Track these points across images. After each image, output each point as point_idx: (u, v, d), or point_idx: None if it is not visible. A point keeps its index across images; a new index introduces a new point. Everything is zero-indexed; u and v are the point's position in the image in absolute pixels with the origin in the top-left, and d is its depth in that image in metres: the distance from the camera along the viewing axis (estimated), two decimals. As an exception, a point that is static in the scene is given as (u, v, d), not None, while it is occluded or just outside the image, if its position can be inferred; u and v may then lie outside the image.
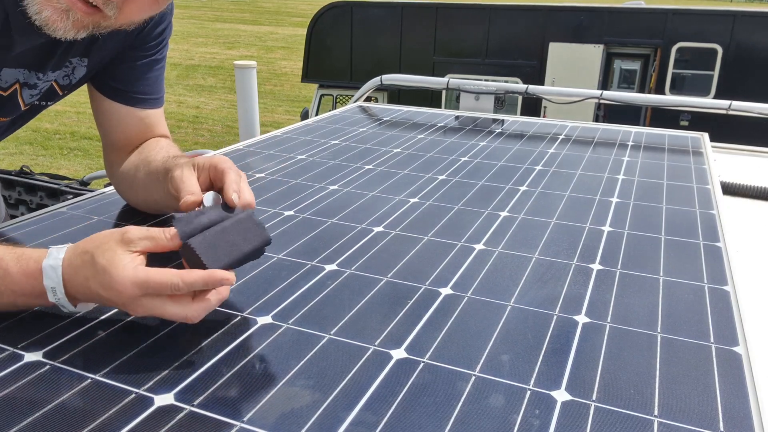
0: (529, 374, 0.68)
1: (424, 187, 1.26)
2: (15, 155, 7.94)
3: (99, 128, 1.08)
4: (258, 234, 0.76)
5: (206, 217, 0.75)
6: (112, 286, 0.67)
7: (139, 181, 1.00)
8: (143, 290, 0.67)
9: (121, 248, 0.69)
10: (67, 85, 0.98)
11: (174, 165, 0.87)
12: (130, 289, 0.66)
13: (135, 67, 1.02)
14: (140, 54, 1.02)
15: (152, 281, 0.66)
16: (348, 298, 0.82)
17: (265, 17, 26.51)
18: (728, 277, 0.91)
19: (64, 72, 0.96)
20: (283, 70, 15.21)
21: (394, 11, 6.34)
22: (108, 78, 1.03)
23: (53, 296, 0.70)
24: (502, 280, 0.89)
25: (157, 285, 0.67)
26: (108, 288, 0.67)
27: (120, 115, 1.05)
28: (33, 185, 2.39)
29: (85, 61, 0.98)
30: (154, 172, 0.95)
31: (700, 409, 0.63)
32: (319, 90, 6.64)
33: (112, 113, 1.05)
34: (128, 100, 1.04)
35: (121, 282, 0.66)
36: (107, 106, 1.04)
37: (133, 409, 0.60)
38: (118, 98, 1.04)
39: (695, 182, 1.34)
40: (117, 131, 1.06)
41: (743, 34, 5.44)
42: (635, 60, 6.03)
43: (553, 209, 1.16)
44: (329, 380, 0.66)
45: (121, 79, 1.03)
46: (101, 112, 1.06)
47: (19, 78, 0.90)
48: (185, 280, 0.67)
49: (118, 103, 1.04)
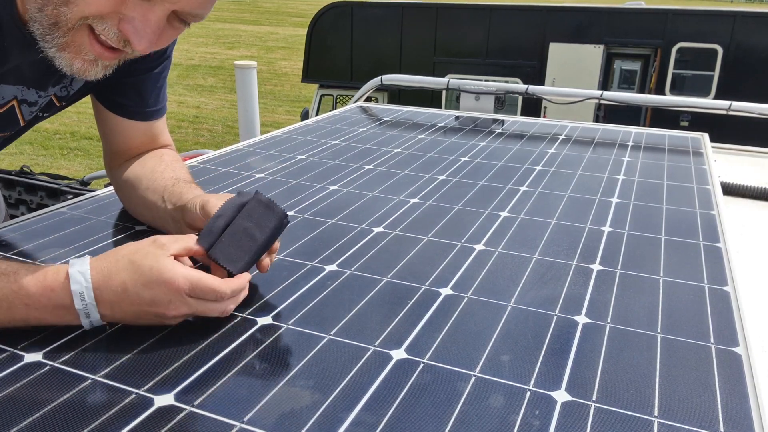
0: (529, 374, 0.68)
1: (425, 188, 1.26)
2: (15, 155, 7.95)
3: (101, 135, 1.07)
4: (270, 216, 0.79)
5: (222, 219, 0.78)
6: (163, 280, 0.69)
7: (140, 194, 1.00)
8: (192, 289, 0.70)
9: (160, 251, 0.71)
10: (64, 97, 0.98)
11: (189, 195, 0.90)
12: (182, 283, 0.69)
13: (139, 82, 1.02)
14: (144, 67, 1.01)
15: (204, 284, 0.71)
16: (348, 299, 0.82)
17: (265, 17, 26.51)
18: (728, 278, 0.91)
19: (62, 84, 0.95)
20: (283, 70, 15.21)
21: (394, 11, 6.33)
22: (112, 93, 1.02)
23: (80, 302, 0.69)
24: (502, 280, 0.89)
25: (207, 288, 0.71)
26: (157, 284, 0.69)
27: (123, 128, 1.04)
28: (33, 185, 2.39)
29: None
30: (159, 191, 0.96)
31: (700, 410, 0.63)
32: (320, 90, 6.64)
33: (116, 125, 1.04)
34: (130, 115, 1.04)
35: (174, 276, 0.69)
36: (111, 119, 1.04)
37: (133, 409, 0.60)
38: (122, 113, 1.03)
39: (695, 183, 1.34)
40: (120, 141, 1.06)
41: (743, 34, 5.44)
42: (635, 60, 6.02)
43: (554, 209, 1.16)
44: (329, 380, 0.66)
45: (125, 94, 1.02)
46: (104, 123, 1.05)
47: (17, 95, 0.90)
48: (232, 288, 0.73)
49: (122, 117, 1.04)
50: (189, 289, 0.70)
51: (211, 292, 0.71)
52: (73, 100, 1.02)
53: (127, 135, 1.05)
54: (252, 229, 0.77)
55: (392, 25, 6.35)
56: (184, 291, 0.70)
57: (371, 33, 6.47)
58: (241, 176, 1.29)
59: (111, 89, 1.02)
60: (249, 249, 0.77)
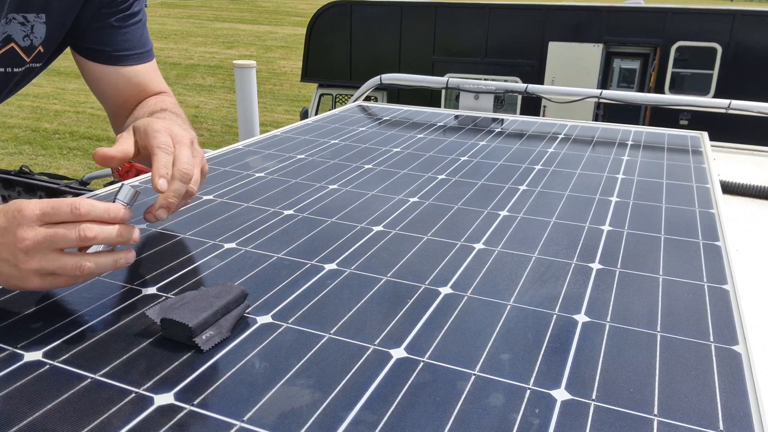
0: (528, 373, 0.68)
1: (424, 187, 1.26)
2: (15, 155, 7.94)
3: (96, 97, 1.06)
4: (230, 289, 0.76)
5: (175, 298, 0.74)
6: (14, 206, 0.66)
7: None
8: (43, 211, 0.66)
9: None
10: (29, 47, 0.95)
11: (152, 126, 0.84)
12: (33, 206, 0.66)
13: (109, 25, 1.01)
14: (110, 12, 1.00)
15: (53, 201, 0.67)
16: (348, 298, 0.82)
17: (264, 17, 26.49)
18: (728, 276, 0.91)
19: (23, 31, 0.92)
20: (282, 69, 15.20)
21: (393, 10, 6.34)
22: (87, 42, 1.02)
23: None
24: (501, 279, 0.89)
25: (57, 202, 0.67)
26: (8, 210, 0.66)
27: (108, 78, 1.03)
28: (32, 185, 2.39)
29: (43, 17, 0.95)
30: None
31: (700, 408, 0.63)
32: (319, 89, 6.64)
33: (101, 77, 1.03)
34: (111, 60, 1.02)
35: (24, 202, 0.67)
36: (94, 70, 1.03)
37: (133, 409, 0.60)
38: (101, 59, 1.02)
39: (695, 181, 1.34)
40: (111, 95, 1.04)
41: (743, 33, 5.44)
42: (635, 59, 6.02)
43: (553, 208, 1.16)
44: (329, 380, 0.66)
45: (98, 40, 1.01)
46: (91, 79, 1.04)
47: None
48: (90, 203, 0.68)
49: (103, 65, 1.02)
50: (40, 212, 0.67)
51: (65, 204, 0.67)
52: (46, 59, 1.00)
53: (115, 85, 1.04)
54: (207, 297, 0.74)
55: (391, 24, 6.35)
56: (35, 213, 0.66)
57: (370, 32, 6.47)
58: (240, 175, 1.29)
59: (84, 39, 1.01)
60: (204, 309, 0.72)
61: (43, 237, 0.67)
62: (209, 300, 0.73)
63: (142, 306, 0.79)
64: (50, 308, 0.77)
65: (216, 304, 0.73)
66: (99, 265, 0.72)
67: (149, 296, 0.81)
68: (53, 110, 9.83)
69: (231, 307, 0.75)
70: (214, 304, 0.73)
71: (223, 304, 0.73)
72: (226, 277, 0.87)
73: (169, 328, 0.71)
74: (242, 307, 0.77)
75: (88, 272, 0.71)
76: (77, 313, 0.76)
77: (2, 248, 0.68)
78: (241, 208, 1.12)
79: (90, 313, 0.77)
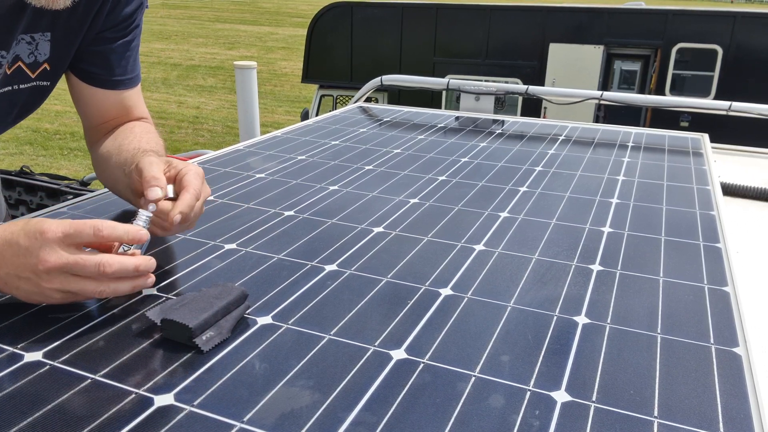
0: (529, 375, 0.68)
1: (425, 188, 1.26)
2: (15, 155, 7.94)
3: (78, 110, 1.09)
4: (229, 290, 0.76)
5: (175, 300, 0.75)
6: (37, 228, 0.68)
7: (110, 170, 1.01)
8: (65, 234, 0.69)
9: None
10: (33, 63, 0.96)
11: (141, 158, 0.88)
12: (55, 228, 0.68)
13: (110, 50, 1.02)
14: (112, 36, 1.01)
15: (75, 223, 0.69)
16: (348, 299, 0.82)
17: (265, 17, 26.51)
18: (728, 278, 0.91)
19: (29, 49, 0.94)
20: (283, 70, 15.21)
21: (394, 11, 6.33)
22: (83, 63, 1.03)
23: None
24: (502, 280, 0.89)
25: (81, 225, 0.69)
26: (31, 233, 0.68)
27: (97, 99, 1.05)
28: (33, 185, 2.39)
29: (48, 35, 0.96)
30: (121, 164, 0.96)
31: (700, 410, 0.63)
32: (320, 90, 6.64)
33: (89, 97, 1.05)
34: (105, 84, 1.05)
35: (46, 223, 0.69)
36: (85, 90, 1.05)
37: (133, 409, 0.60)
38: (95, 83, 1.04)
39: (695, 183, 1.34)
40: (95, 114, 1.07)
41: (743, 35, 5.44)
42: (635, 61, 6.02)
43: (553, 210, 1.16)
44: (329, 380, 0.66)
45: (96, 63, 1.03)
46: (79, 96, 1.06)
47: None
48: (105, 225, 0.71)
49: (95, 88, 1.04)
50: (62, 234, 0.69)
51: (87, 227, 0.70)
52: (54, 78, 1.01)
53: (100, 106, 1.06)
54: (207, 298, 0.74)
55: (392, 25, 6.35)
56: (57, 236, 0.69)
57: (371, 33, 6.47)
58: (241, 176, 1.29)
59: (81, 59, 1.02)
60: (204, 309, 0.72)
61: (65, 263, 0.70)
62: (209, 301, 0.74)
63: (142, 307, 0.79)
64: (50, 308, 0.77)
65: (216, 305, 0.73)
66: (117, 292, 0.74)
67: (150, 297, 0.81)
68: (54, 111, 9.83)
69: (231, 307, 0.75)
70: (215, 305, 0.73)
71: (223, 304, 0.73)
72: (226, 278, 0.87)
73: (169, 328, 0.71)
74: (242, 307, 0.77)
75: (107, 296, 0.75)
76: (77, 313, 0.76)
77: (24, 269, 0.70)
78: (242, 209, 1.12)
79: (90, 313, 0.77)
